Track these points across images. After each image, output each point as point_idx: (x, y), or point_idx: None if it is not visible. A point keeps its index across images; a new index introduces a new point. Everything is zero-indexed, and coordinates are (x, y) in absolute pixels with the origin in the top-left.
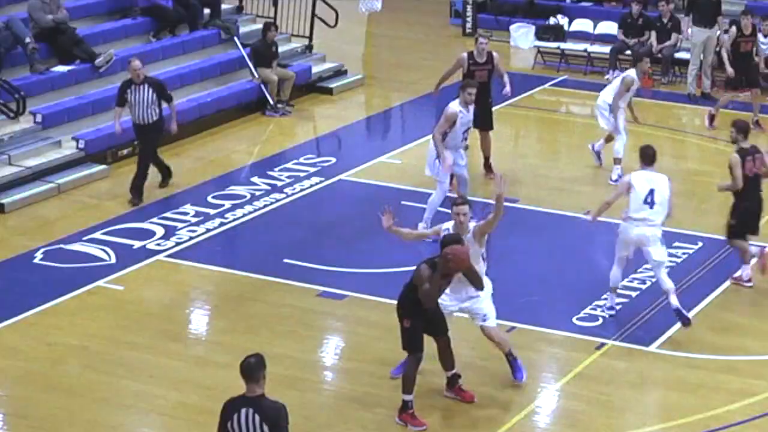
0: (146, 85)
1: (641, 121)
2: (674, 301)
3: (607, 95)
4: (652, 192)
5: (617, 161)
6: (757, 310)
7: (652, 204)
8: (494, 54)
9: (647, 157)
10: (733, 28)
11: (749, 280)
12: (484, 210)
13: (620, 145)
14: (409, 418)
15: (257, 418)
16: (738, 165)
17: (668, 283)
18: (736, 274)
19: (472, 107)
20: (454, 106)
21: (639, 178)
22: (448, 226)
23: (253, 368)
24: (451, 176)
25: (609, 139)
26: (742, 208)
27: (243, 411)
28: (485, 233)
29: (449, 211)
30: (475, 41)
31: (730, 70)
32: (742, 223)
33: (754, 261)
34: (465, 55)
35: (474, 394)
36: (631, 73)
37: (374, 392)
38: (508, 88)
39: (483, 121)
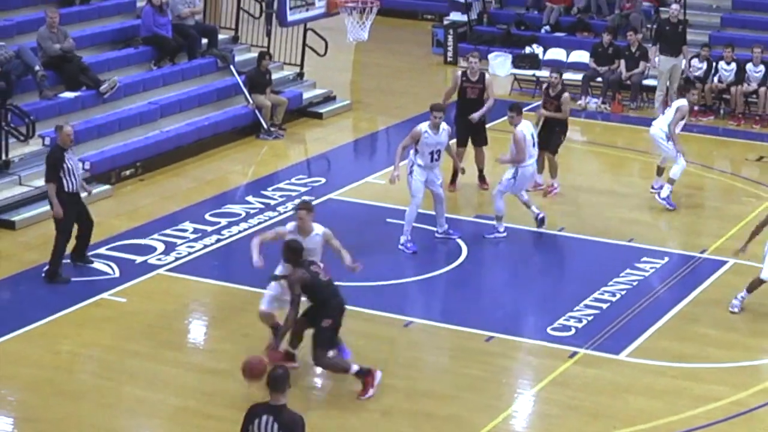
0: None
1: (684, 151)
2: None
3: (662, 124)
4: None
5: (671, 182)
6: (720, 322)
7: None
8: (486, 76)
9: None
10: None
11: None
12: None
13: (678, 169)
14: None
15: (275, 425)
16: None
17: None
18: None
19: (444, 131)
20: (422, 125)
21: None
22: (292, 227)
23: (279, 379)
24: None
25: (659, 173)
26: None
27: (264, 417)
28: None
29: (426, 227)
30: (466, 59)
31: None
32: None
33: None
34: (460, 72)
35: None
36: (684, 102)
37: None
38: (475, 114)
39: (475, 138)
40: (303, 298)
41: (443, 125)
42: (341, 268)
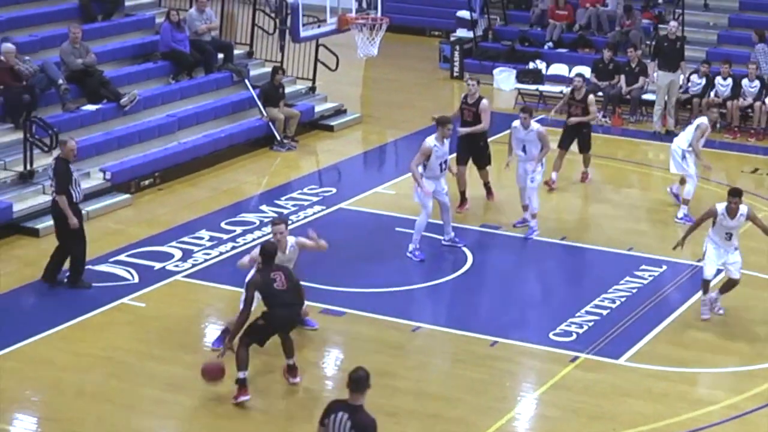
0: None
1: (710, 166)
2: None
3: (681, 141)
4: None
5: (686, 202)
6: (716, 328)
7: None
8: (483, 101)
9: None
10: None
11: None
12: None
13: (691, 187)
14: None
15: (348, 423)
16: None
17: None
18: None
19: (447, 141)
20: (430, 140)
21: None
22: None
23: (360, 380)
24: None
25: (682, 181)
26: None
27: (340, 414)
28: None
29: (433, 235)
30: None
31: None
32: None
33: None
34: (463, 94)
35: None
36: (705, 120)
37: (370, 399)
38: (460, 129)
39: (476, 159)
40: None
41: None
42: (352, 275)
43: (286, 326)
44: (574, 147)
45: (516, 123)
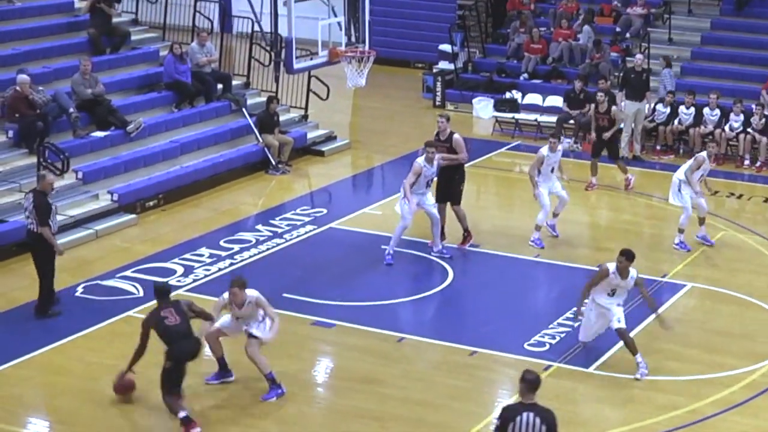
0: None
1: (714, 191)
2: None
3: (680, 173)
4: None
5: (680, 230)
6: (679, 338)
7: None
8: (455, 136)
9: None
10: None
11: None
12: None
13: (683, 217)
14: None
15: (537, 420)
16: None
17: None
18: None
19: (435, 163)
20: (420, 160)
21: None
22: (227, 296)
23: (537, 381)
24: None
25: (702, 221)
26: None
27: (524, 415)
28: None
29: (417, 252)
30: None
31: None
32: None
33: None
34: (435, 132)
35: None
36: (703, 153)
37: (359, 405)
38: (437, 158)
39: (449, 196)
40: None
41: (435, 156)
42: (341, 290)
43: (188, 356)
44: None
45: (545, 150)
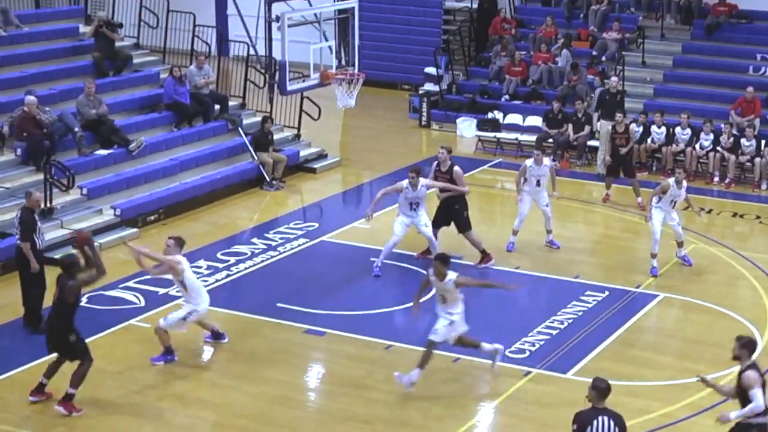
0: None
1: (697, 210)
2: None
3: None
4: None
5: (653, 255)
6: (653, 346)
7: None
8: (456, 168)
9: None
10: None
11: None
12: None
13: (653, 243)
14: (72, 407)
15: (611, 423)
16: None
17: None
18: None
19: (422, 186)
20: (404, 182)
21: None
22: None
23: (608, 388)
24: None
25: (680, 245)
26: None
27: (600, 418)
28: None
29: (404, 265)
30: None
31: (608, 158)
32: None
33: None
34: (435, 162)
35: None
36: (670, 180)
37: (349, 409)
38: (439, 195)
39: (456, 225)
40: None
41: (421, 181)
42: (332, 299)
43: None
44: None
45: (529, 162)
